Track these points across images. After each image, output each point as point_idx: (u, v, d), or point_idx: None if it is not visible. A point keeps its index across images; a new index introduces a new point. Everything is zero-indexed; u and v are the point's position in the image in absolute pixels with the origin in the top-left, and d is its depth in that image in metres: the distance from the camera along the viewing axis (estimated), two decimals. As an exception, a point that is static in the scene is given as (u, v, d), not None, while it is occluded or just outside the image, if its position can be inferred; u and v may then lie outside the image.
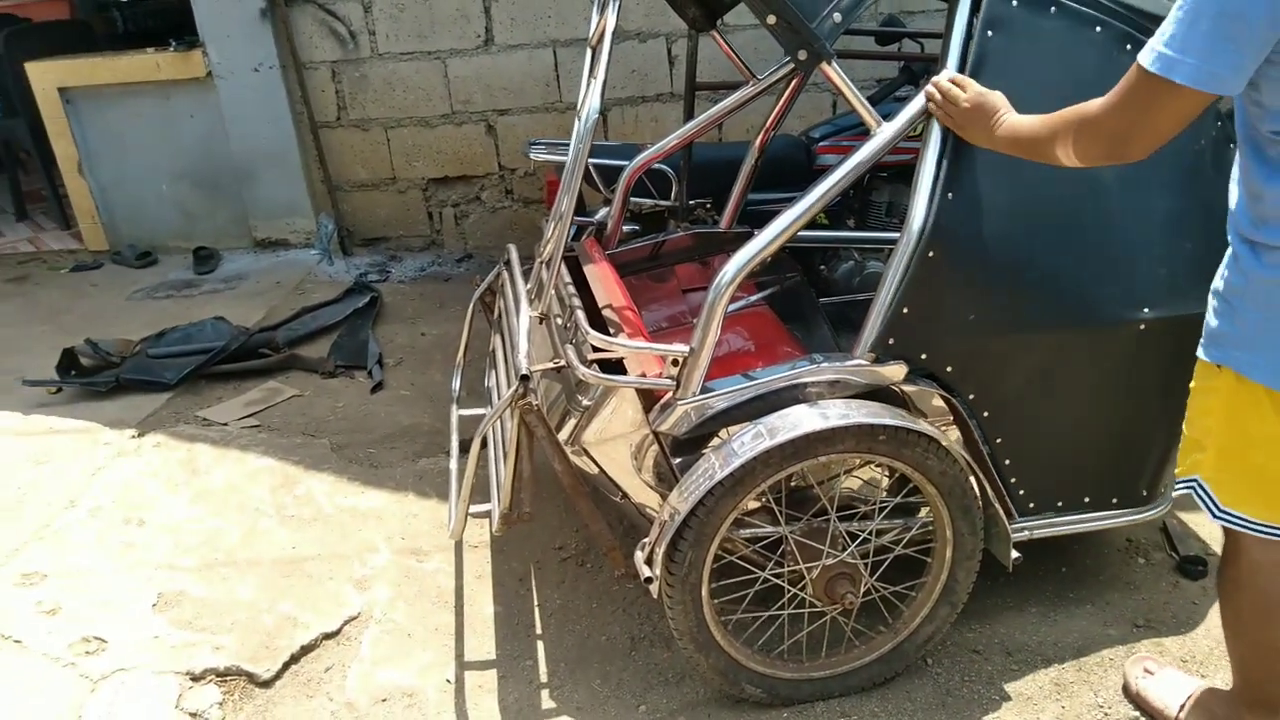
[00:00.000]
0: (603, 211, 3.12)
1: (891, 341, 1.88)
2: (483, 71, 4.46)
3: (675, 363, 1.87)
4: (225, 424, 3.18)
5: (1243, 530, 1.61)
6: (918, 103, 1.85)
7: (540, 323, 2.13)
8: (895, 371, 1.91)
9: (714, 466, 1.81)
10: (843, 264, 3.31)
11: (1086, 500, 2.15)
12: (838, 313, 3.06)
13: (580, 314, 2.04)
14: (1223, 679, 2.04)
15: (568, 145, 3.35)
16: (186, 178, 4.72)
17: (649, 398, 1.93)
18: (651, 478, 2.00)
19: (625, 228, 3.23)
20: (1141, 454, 2.14)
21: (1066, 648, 2.14)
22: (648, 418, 1.92)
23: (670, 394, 1.89)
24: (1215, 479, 1.62)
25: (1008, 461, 2.05)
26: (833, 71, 1.82)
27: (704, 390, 1.89)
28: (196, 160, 4.67)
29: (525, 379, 1.89)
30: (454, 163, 4.66)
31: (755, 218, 3.09)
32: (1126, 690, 2.01)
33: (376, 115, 4.57)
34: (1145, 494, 2.18)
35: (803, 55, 1.77)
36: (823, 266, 3.29)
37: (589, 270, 2.58)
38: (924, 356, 1.91)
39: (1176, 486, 1.74)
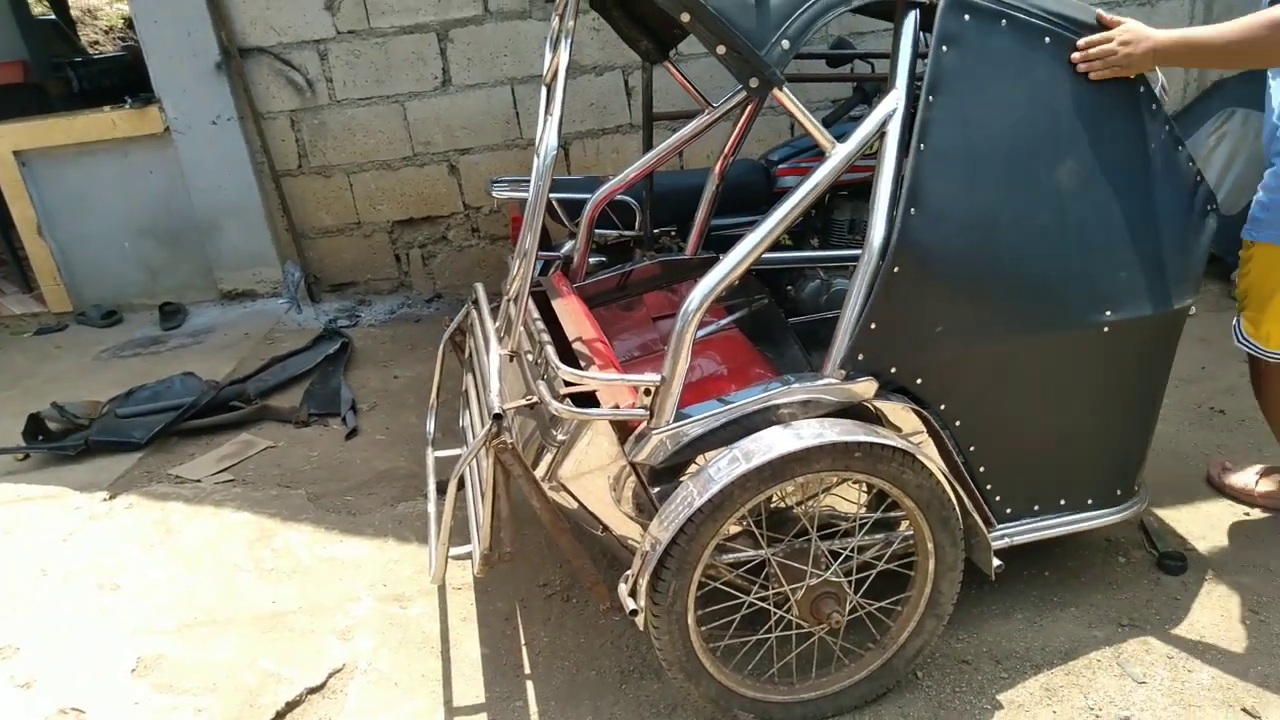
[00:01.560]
0: (568, 245, 3.14)
1: (861, 357, 1.90)
2: (442, 112, 4.48)
3: (647, 392, 1.87)
4: (198, 480, 3.13)
5: (1266, 359, 2.35)
6: (870, 122, 1.89)
7: (511, 360, 2.13)
8: (866, 388, 1.92)
9: (692, 494, 1.81)
10: (809, 283, 3.34)
11: (1062, 503, 2.18)
12: (807, 331, 3.09)
13: (550, 349, 2.04)
14: (1209, 672, 2.06)
15: (530, 181, 3.40)
16: (149, 234, 4.69)
17: (624, 429, 1.93)
18: (631, 509, 1.99)
19: (592, 260, 3.25)
20: (1113, 453, 2.17)
21: (1054, 652, 2.15)
22: (623, 449, 1.92)
23: (644, 424, 1.89)
24: (1251, 319, 2.34)
25: (982, 469, 2.08)
26: (785, 97, 1.84)
27: (678, 418, 1.89)
28: (158, 216, 4.64)
29: (499, 418, 1.88)
30: (418, 204, 4.67)
31: (720, 242, 3.12)
32: (1210, 481, 2.66)
33: (338, 161, 4.58)
34: (1120, 493, 2.21)
35: (754, 83, 1.80)
36: (789, 287, 3.32)
37: (557, 304, 2.58)
38: (893, 370, 1.93)
39: (1255, 348, 2.33)
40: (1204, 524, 2.54)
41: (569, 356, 2.26)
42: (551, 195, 3.23)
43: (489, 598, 2.53)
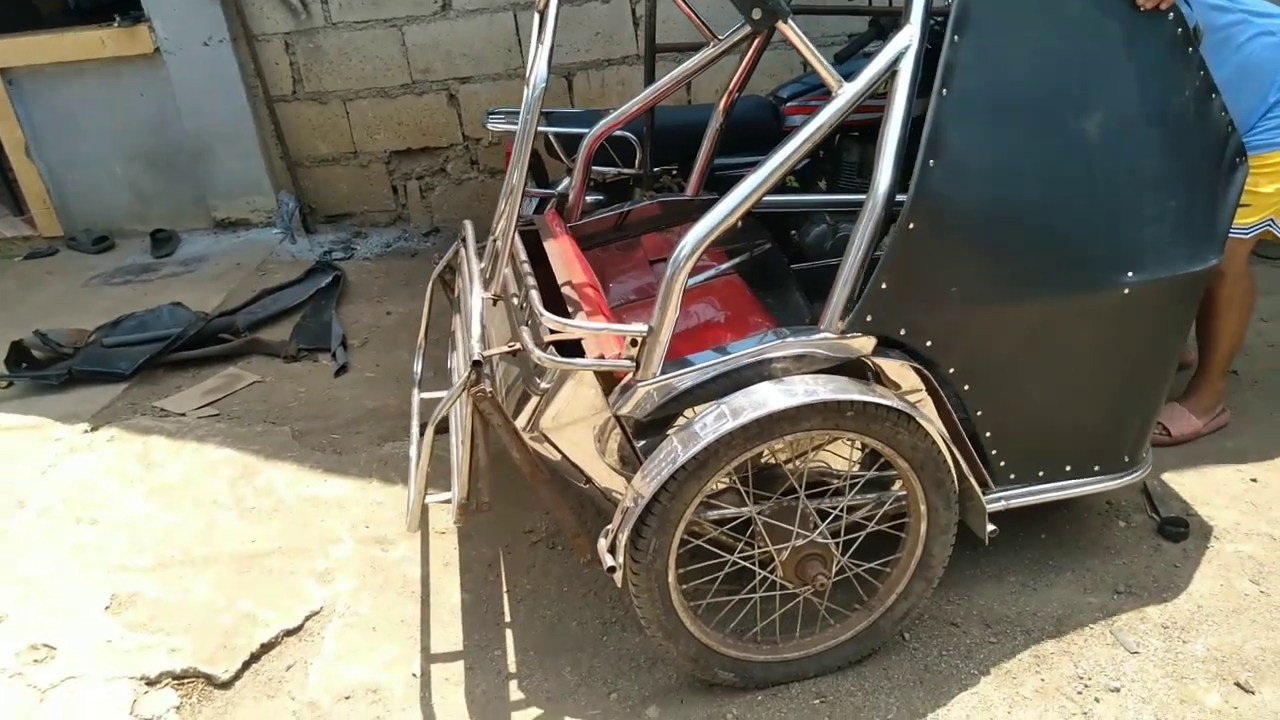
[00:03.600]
0: (565, 182, 3.02)
1: (870, 319, 1.80)
2: (441, 38, 4.31)
3: (634, 343, 1.79)
4: (183, 414, 3.08)
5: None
6: (882, 59, 1.76)
7: (494, 304, 2.04)
8: (864, 344, 1.83)
9: (676, 450, 1.73)
10: (814, 228, 3.21)
11: (1068, 469, 2.10)
12: (811, 278, 2.98)
13: (535, 294, 1.95)
14: (1204, 643, 2.00)
15: (528, 113, 3.26)
16: (140, 158, 4.56)
17: (609, 380, 1.85)
18: (615, 461, 1.92)
19: (589, 198, 3.13)
20: (1125, 419, 2.09)
21: (1046, 618, 2.10)
22: (608, 400, 1.84)
23: (630, 375, 1.81)
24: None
25: (989, 434, 1.99)
26: (789, 30, 1.72)
27: (665, 370, 1.81)
28: (149, 140, 4.51)
29: (478, 365, 1.80)
30: (416, 134, 4.52)
31: (723, 183, 2.98)
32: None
33: (334, 87, 4.42)
34: (1128, 459, 2.13)
35: (757, 14, 1.67)
36: (794, 232, 3.20)
37: (549, 245, 2.48)
38: (903, 332, 1.84)
39: (1249, 230, 2.43)
40: (1208, 488, 2.46)
41: (557, 301, 2.17)
42: (548, 129, 3.12)
43: (473, 543, 2.48)
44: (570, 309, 2.09)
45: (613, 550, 1.77)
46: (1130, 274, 1.87)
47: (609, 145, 3.03)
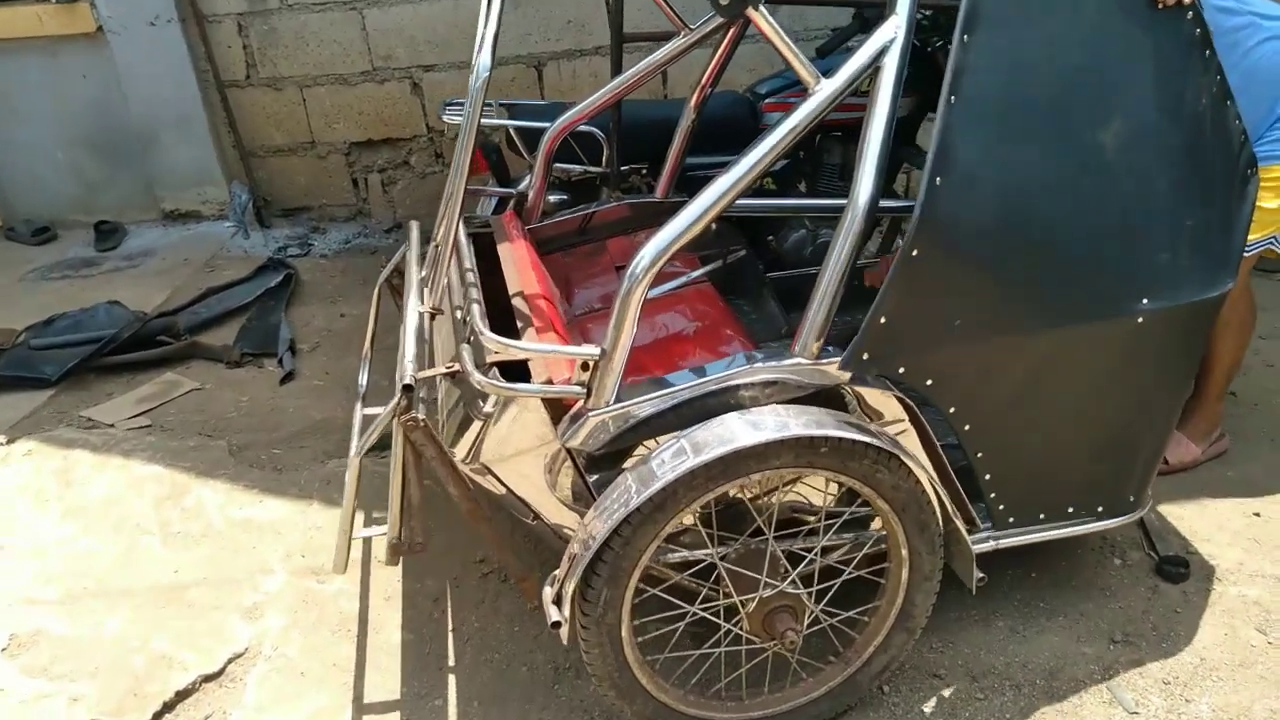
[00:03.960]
0: (525, 181, 2.81)
1: (867, 357, 1.62)
2: (404, 23, 4.08)
3: (585, 366, 1.59)
4: (111, 425, 2.85)
5: None
6: (863, 54, 1.57)
7: (432, 318, 1.84)
8: (838, 372, 1.64)
9: (630, 490, 1.54)
10: (792, 234, 3.02)
11: (1070, 510, 1.92)
12: (788, 287, 2.80)
13: (477, 308, 1.74)
14: (1208, 701, 1.84)
15: (490, 106, 3.04)
16: (84, 144, 4.30)
17: (559, 406, 1.66)
18: (567, 496, 1.73)
19: (551, 198, 2.94)
20: (1132, 456, 1.91)
21: (1037, 670, 1.92)
22: (557, 430, 1.64)
23: (581, 403, 1.61)
24: None
25: (989, 477, 1.81)
26: (761, 19, 1.52)
27: (622, 396, 1.61)
28: (93, 125, 4.25)
29: (409, 389, 1.60)
30: (378, 124, 4.29)
31: (695, 184, 2.79)
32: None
33: (290, 73, 4.18)
34: (1132, 499, 1.96)
35: (725, 0, 1.47)
36: (770, 237, 3.01)
37: (503, 250, 2.28)
38: (902, 370, 1.65)
39: (1251, 247, 2.18)
40: (1209, 523, 2.30)
41: (509, 314, 1.97)
42: (509, 123, 2.90)
43: (417, 574, 2.28)
44: (520, 324, 1.89)
45: (559, 601, 1.58)
46: (1145, 301, 1.69)
47: (574, 141, 2.83)
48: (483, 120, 2.95)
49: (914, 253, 1.53)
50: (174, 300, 3.59)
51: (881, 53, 1.56)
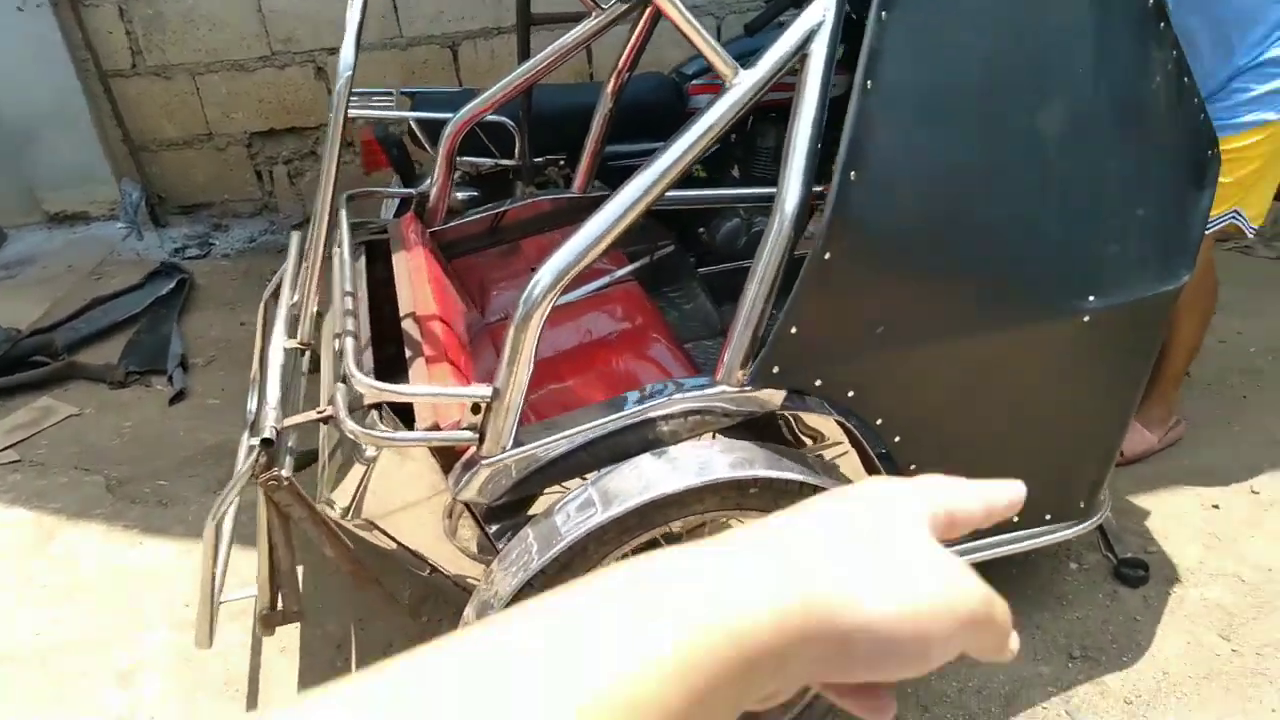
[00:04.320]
0: (430, 179, 2.56)
1: (776, 370, 1.42)
2: (305, 3, 3.76)
3: (476, 408, 1.37)
4: (-28, 461, 2.56)
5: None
6: (787, 39, 1.36)
7: (302, 354, 1.61)
8: (772, 396, 1.45)
9: (530, 550, 1.34)
10: (725, 224, 2.83)
11: (1015, 520, 1.77)
12: (721, 281, 2.61)
13: (350, 342, 1.51)
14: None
15: (390, 96, 2.78)
16: (-48, 142, 3.92)
17: (452, 452, 1.44)
18: (470, 546, 1.52)
19: (461, 195, 2.68)
20: (1081, 461, 1.76)
21: (993, 696, 1.78)
22: (449, 480, 1.43)
23: (473, 449, 1.40)
24: (1251, 204, 2.10)
25: None
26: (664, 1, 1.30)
27: (520, 440, 1.40)
28: (-39, 120, 3.87)
29: (268, 443, 1.37)
30: (280, 113, 3.98)
31: (617, 175, 2.58)
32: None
33: (180, 60, 3.84)
34: (1083, 505, 1.81)
35: (618, -27, 1.25)
36: (702, 229, 2.81)
37: (398, 260, 2.04)
38: (819, 383, 1.46)
39: (1210, 224, 1.90)
40: (1167, 518, 2.18)
41: (397, 339, 1.74)
42: (410, 115, 2.65)
43: (318, 617, 2.05)
44: (409, 352, 1.66)
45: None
46: (1091, 299, 1.52)
47: (482, 133, 2.58)
48: (379, 112, 2.72)
49: (826, 255, 1.34)
50: (54, 314, 3.26)
51: (808, 37, 1.36)
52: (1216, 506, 2.21)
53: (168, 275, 3.45)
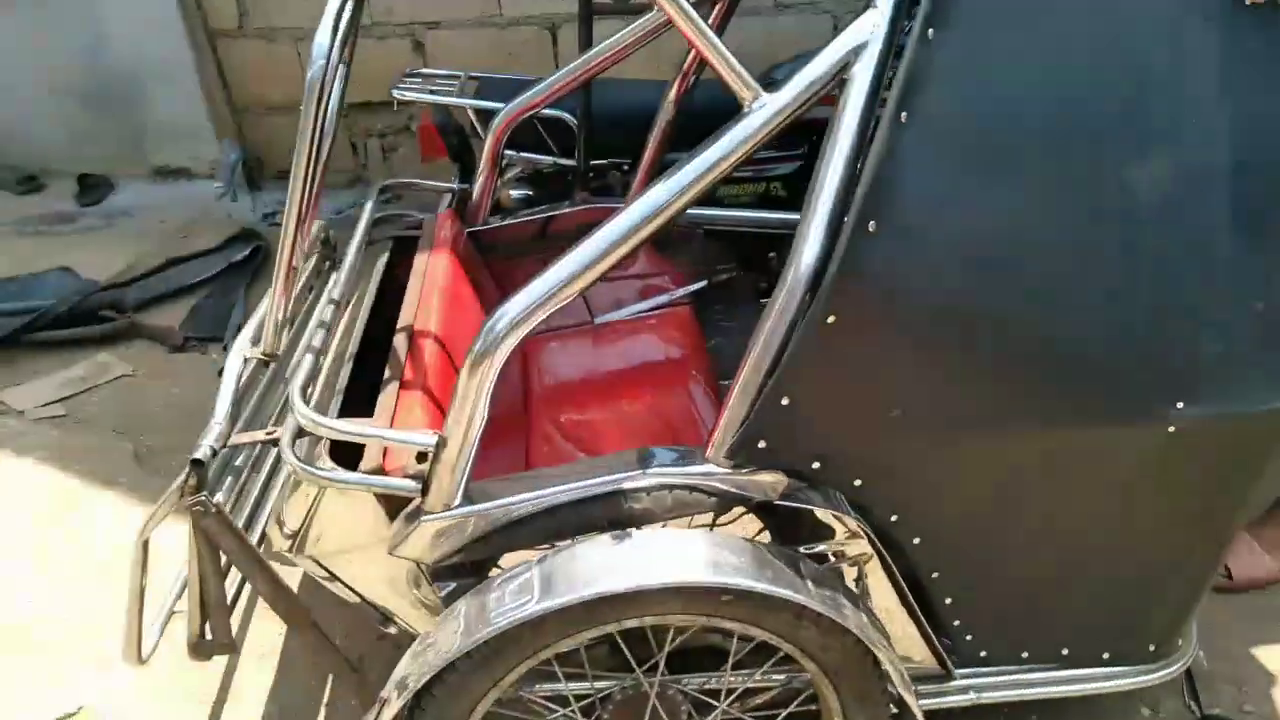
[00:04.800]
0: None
1: (763, 445, 1.21)
2: (408, -27, 3.69)
3: (422, 457, 1.21)
4: (21, 412, 2.59)
5: None
6: (824, 59, 1.13)
7: (266, 365, 1.48)
8: (770, 481, 1.23)
9: (457, 630, 1.17)
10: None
11: (1065, 653, 1.49)
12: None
13: (308, 360, 1.38)
14: None
15: (454, 80, 2.65)
16: (72, 92, 4.04)
17: (401, 500, 1.29)
18: (424, 595, 1.37)
19: (515, 194, 2.53)
20: (1151, 598, 1.46)
21: None
22: (391, 531, 1.27)
23: (417, 501, 1.24)
24: None
25: (949, 601, 1.40)
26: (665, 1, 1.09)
27: (470, 497, 1.23)
28: (80, 72, 3.98)
29: (199, 465, 1.25)
30: (377, 85, 3.88)
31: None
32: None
33: (284, 23, 3.84)
34: (1154, 648, 1.51)
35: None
36: (772, 254, 2.56)
37: (418, 261, 1.90)
38: (816, 466, 1.23)
39: None
40: (1272, 671, 1.82)
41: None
42: (468, 103, 2.51)
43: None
44: (388, 372, 1.51)
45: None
46: (1180, 404, 1.23)
47: (542, 128, 2.42)
48: (430, 96, 2.60)
49: (830, 319, 1.11)
50: (133, 269, 3.31)
51: (850, 59, 1.12)
52: (1340, 660, 1.83)
53: (244, 242, 3.45)
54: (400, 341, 1.58)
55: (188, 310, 3.10)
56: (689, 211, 2.28)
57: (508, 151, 2.53)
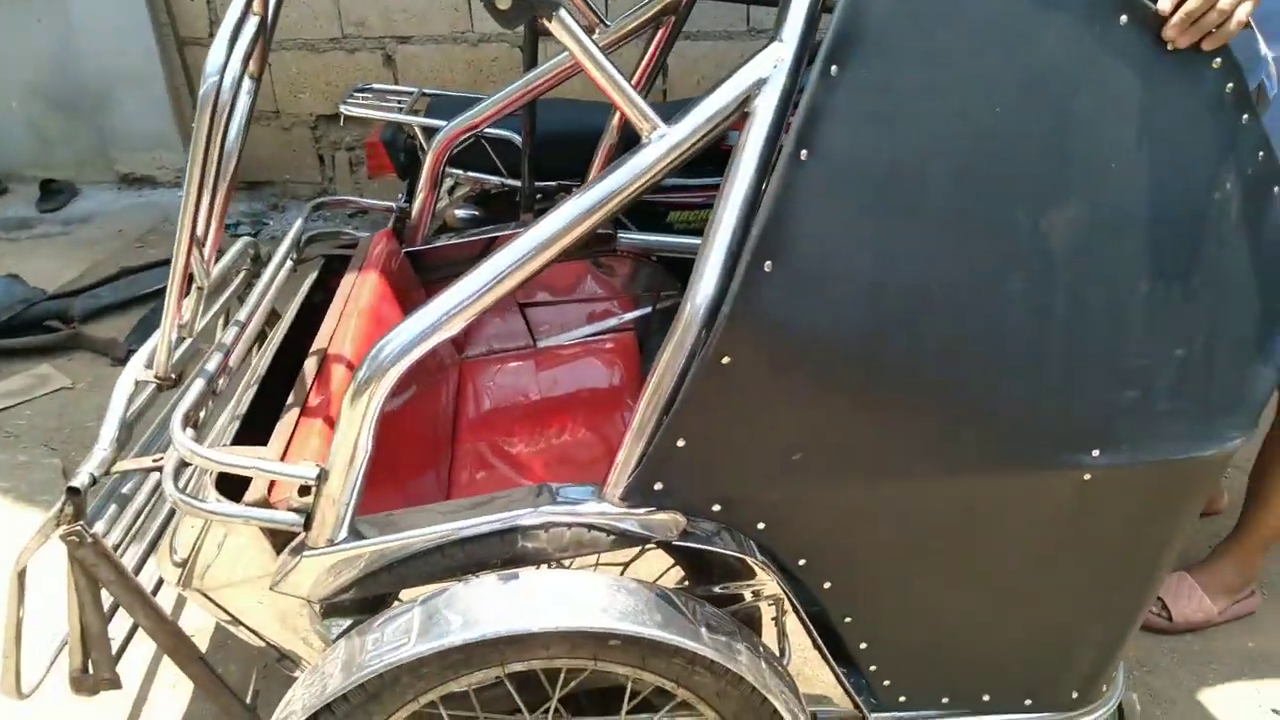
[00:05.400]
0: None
1: (659, 487, 1.17)
2: (379, -12, 3.67)
3: (305, 490, 1.17)
4: (-48, 424, 2.54)
5: None
6: (725, 92, 1.10)
7: (160, 390, 1.44)
8: (667, 522, 1.19)
9: (333, 670, 1.12)
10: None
11: (985, 699, 1.45)
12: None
13: (197, 386, 1.33)
14: None
15: (405, 95, 2.62)
16: (39, 95, 4.02)
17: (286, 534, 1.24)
18: (319, 632, 1.32)
19: (462, 213, 2.50)
20: (1072, 641, 1.43)
21: None
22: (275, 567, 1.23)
23: (301, 535, 1.19)
24: None
25: (864, 646, 1.36)
26: (561, 29, 1.05)
27: (358, 532, 1.19)
28: (49, 75, 3.96)
29: (74, 493, 1.20)
30: (346, 97, 3.90)
31: (632, 210, 2.35)
32: (1154, 628, 1.94)
33: (253, 34, 3.81)
34: (1076, 695, 1.47)
35: (503, 2, 1.01)
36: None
37: (345, 282, 1.86)
38: (716, 508, 1.20)
39: None
40: (1210, 714, 1.78)
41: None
42: (416, 120, 2.48)
43: (223, 655, 1.91)
44: (292, 397, 1.47)
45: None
46: (1096, 453, 1.20)
47: (490, 149, 2.39)
48: (376, 113, 2.57)
49: (724, 360, 1.07)
50: (84, 279, 3.27)
51: (751, 91, 1.09)
52: (1277, 712, 1.79)
53: (202, 252, 3.40)
54: (310, 365, 1.53)
55: (135, 322, 3.05)
56: (637, 238, 2.32)
57: (454, 171, 2.50)
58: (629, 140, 2.05)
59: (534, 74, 1.98)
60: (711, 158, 2.52)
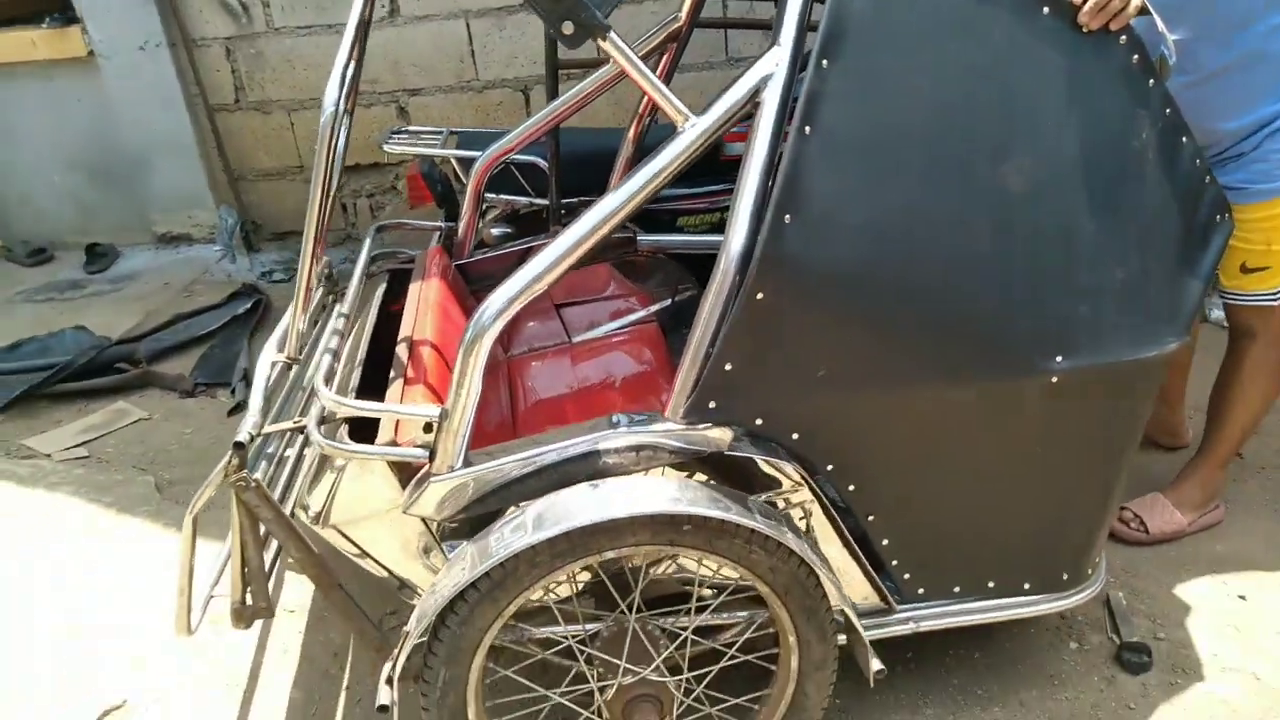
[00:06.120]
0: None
1: (713, 405, 1.46)
2: (390, 46, 4.02)
3: (429, 428, 1.45)
4: (48, 455, 2.80)
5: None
6: (739, 87, 1.42)
7: (288, 369, 1.73)
8: (719, 435, 1.48)
9: (464, 566, 1.40)
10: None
11: (990, 585, 1.73)
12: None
13: (326, 359, 1.63)
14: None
15: (438, 135, 2.94)
16: (79, 167, 4.34)
17: (411, 468, 1.52)
18: (435, 560, 1.59)
19: (495, 230, 2.82)
20: (1057, 531, 1.71)
21: (964, 765, 1.72)
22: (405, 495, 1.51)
23: (426, 466, 1.48)
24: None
25: (885, 543, 1.63)
26: (613, 48, 1.37)
27: (469, 461, 1.47)
28: (87, 148, 4.28)
29: (240, 447, 1.48)
30: (365, 149, 4.22)
31: (643, 217, 2.66)
32: (1125, 539, 2.21)
33: (277, 96, 4.16)
34: (1067, 576, 1.75)
35: (569, 28, 1.33)
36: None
37: (413, 289, 2.16)
38: (759, 422, 1.49)
39: (1266, 298, 1.99)
40: (1184, 605, 2.05)
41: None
42: (448, 153, 2.80)
43: (324, 624, 2.16)
44: (393, 373, 1.76)
45: (391, 682, 1.44)
46: (1059, 359, 1.49)
47: (518, 172, 2.71)
48: (419, 149, 2.89)
49: (759, 296, 1.37)
50: (142, 326, 3.56)
51: (759, 86, 1.41)
52: (1243, 598, 2.06)
53: (246, 296, 3.71)
54: (402, 350, 1.83)
55: (197, 359, 3.33)
56: (654, 239, 2.63)
57: (488, 194, 2.82)
58: (643, 152, 2.39)
59: (556, 104, 2.31)
60: (713, 168, 2.86)
